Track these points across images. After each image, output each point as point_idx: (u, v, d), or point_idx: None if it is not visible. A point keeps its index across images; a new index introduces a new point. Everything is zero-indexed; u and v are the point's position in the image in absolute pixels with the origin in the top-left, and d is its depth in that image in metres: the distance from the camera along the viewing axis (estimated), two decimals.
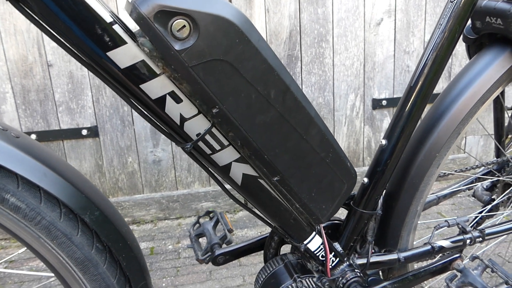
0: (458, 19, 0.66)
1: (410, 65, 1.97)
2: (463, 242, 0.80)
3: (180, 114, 0.51)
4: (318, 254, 0.73)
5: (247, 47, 0.48)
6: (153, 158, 1.86)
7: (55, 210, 0.50)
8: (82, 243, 0.53)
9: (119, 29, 0.44)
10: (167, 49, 0.44)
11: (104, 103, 1.75)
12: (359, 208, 0.75)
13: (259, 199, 0.63)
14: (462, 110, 0.74)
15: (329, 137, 0.60)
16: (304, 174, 0.60)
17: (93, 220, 0.52)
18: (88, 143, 1.79)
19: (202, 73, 0.47)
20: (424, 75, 0.69)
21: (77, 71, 1.71)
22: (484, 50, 0.77)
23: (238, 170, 0.58)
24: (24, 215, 0.48)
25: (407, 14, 1.91)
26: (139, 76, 0.47)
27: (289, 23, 1.81)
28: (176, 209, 1.91)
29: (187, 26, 0.44)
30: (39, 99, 1.71)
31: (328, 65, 1.89)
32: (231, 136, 0.54)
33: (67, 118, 1.74)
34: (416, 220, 0.80)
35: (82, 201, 0.51)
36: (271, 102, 0.52)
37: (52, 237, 0.51)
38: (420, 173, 0.75)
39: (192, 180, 1.92)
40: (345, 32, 1.87)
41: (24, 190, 0.48)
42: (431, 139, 0.74)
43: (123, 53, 0.45)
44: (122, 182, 1.86)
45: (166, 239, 1.77)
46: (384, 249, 0.81)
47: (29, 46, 1.65)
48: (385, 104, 1.98)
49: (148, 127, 1.81)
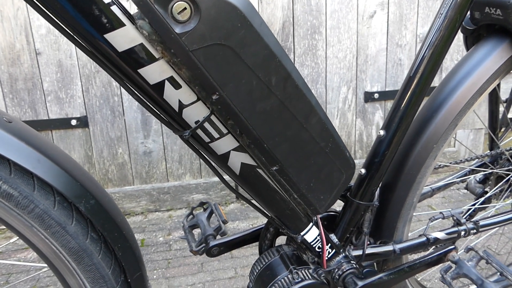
0: (459, 8, 0.65)
1: (403, 58, 1.97)
2: (457, 234, 0.81)
3: (178, 101, 0.49)
4: (314, 246, 0.72)
5: (249, 31, 0.46)
6: (144, 149, 1.83)
7: (49, 198, 0.48)
8: (77, 233, 0.51)
9: (117, 10, 0.42)
10: (167, 32, 0.43)
11: (94, 93, 1.72)
12: (356, 199, 0.75)
13: (257, 189, 0.62)
14: (460, 102, 0.73)
15: (329, 127, 0.59)
16: (303, 163, 0.59)
17: (88, 209, 0.50)
18: (78, 134, 1.76)
19: (203, 57, 0.45)
20: (423, 64, 0.68)
21: (66, 59, 1.67)
22: (482, 41, 0.77)
23: (237, 159, 0.57)
24: (16, 203, 0.47)
25: (400, 7, 1.91)
26: (137, 60, 0.45)
27: (282, 14, 1.80)
28: (167, 201, 1.89)
29: (188, 8, 0.43)
30: (27, 88, 1.66)
31: (321, 57, 1.89)
32: (230, 124, 0.53)
33: (56, 108, 1.71)
34: (412, 211, 0.80)
35: (77, 189, 0.50)
36: (272, 89, 0.51)
37: (46, 226, 0.49)
38: (417, 164, 0.75)
39: (183, 172, 1.90)
40: (338, 24, 1.86)
41: (17, 177, 0.46)
42: (428, 130, 0.74)
43: (121, 36, 0.43)
44: (112, 174, 1.84)
45: (156, 231, 1.76)
46: (380, 240, 0.81)
47: (16, 33, 1.60)
48: (377, 97, 1.98)
49: (139, 118, 1.79)
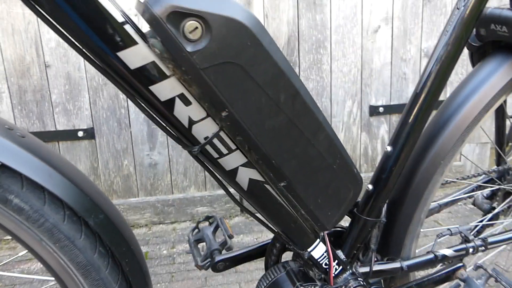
0: (465, 25, 0.66)
1: (407, 72, 1.98)
2: (465, 251, 0.80)
3: (188, 117, 0.50)
4: (321, 262, 0.72)
5: (259, 50, 0.47)
6: (149, 161, 1.84)
7: (59, 212, 0.49)
8: (85, 247, 0.51)
9: (130, 29, 0.43)
10: (179, 51, 0.43)
11: (101, 105, 1.74)
12: (363, 215, 0.74)
13: (265, 205, 0.62)
14: (466, 118, 0.74)
15: (337, 143, 0.60)
16: (311, 180, 0.59)
17: (97, 223, 0.50)
18: (84, 145, 1.77)
19: (213, 75, 0.46)
20: (430, 81, 0.69)
21: (74, 72, 1.69)
22: (488, 58, 0.77)
23: (245, 175, 0.57)
24: (27, 217, 0.47)
25: (404, 22, 1.92)
26: (149, 77, 0.46)
27: (287, 29, 1.82)
28: (171, 213, 1.89)
29: (200, 27, 0.43)
30: (35, 100, 1.68)
31: (326, 71, 1.90)
32: (239, 140, 0.53)
33: (63, 119, 1.72)
34: (419, 228, 0.80)
35: (86, 203, 0.50)
36: (280, 106, 0.52)
37: (55, 240, 0.49)
38: (424, 180, 0.75)
39: (188, 185, 1.90)
40: (343, 38, 1.88)
41: (29, 191, 0.46)
42: (436, 146, 0.74)
43: (133, 54, 0.44)
44: (117, 185, 1.84)
45: (160, 244, 1.75)
46: (387, 257, 0.81)
47: (26, 46, 1.63)
48: (382, 111, 1.98)
49: (145, 130, 1.80)
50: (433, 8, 1.93)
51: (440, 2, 1.93)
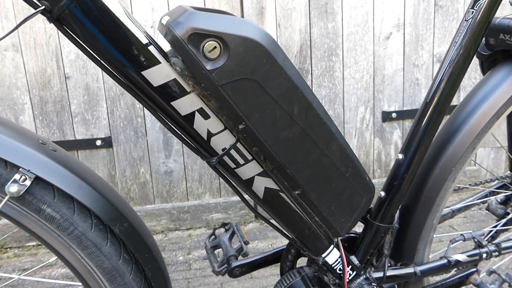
0: (473, 36, 0.68)
1: (419, 78, 1.98)
2: (479, 256, 0.81)
3: (207, 130, 0.53)
4: (335, 267, 0.74)
5: (274, 66, 0.50)
6: (165, 169, 1.88)
7: (87, 221, 0.52)
8: (111, 253, 0.54)
9: (153, 49, 0.46)
10: (199, 69, 0.46)
11: (119, 114, 1.79)
12: (376, 221, 0.76)
13: (280, 212, 0.64)
14: (477, 125, 0.75)
15: (349, 152, 0.62)
16: (324, 188, 0.62)
17: (122, 231, 0.54)
18: (102, 154, 1.82)
19: (231, 91, 0.49)
20: (440, 90, 0.70)
21: (93, 83, 1.74)
22: (498, 66, 0.79)
23: (261, 183, 0.60)
24: (58, 225, 0.50)
25: (415, 28, 1.93)
26: (171, 93, 0.49)
27: (299, 37, 1.84)
28: (186, 220, 1.93)
29: (218, 47, 0.46)
30: (56, 110, 1.74)
31: (338, 78, 1.92)
32: (255, 151, 0.56)
33: (82, 129, 1.78)
34: (432, 233, 0.81)
35: (112, 212, 0.53)
36: (294, 118, 0.54)
37: (83, 247, 0.53)
38: (436, 187, 0.76)
39: (203, 191, 1.93)
40: (355, 46, 1.90)
41: (60, 201, 0.50)
42: (447, 153, 0.76)
43: (157, 72, 0.47)
44: (134, 192, 1.88)
45: (176, 250, 1.78)
46: (400, 262, 0.82)
47: (48, 59, 1.69)
48: (394, 117, 1.99)
49: (161, 139, 1.84)
50: (445, 14, 1.93)
51: (452, 7, 1.93)
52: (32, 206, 0.49)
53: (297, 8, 1.81)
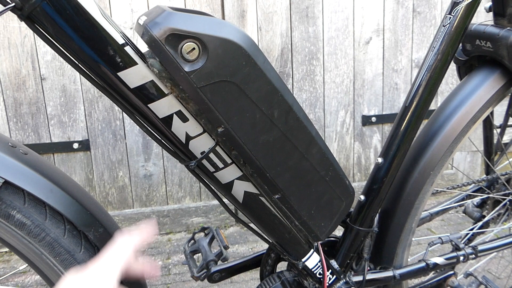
0: (451, 42, 0.69)
1: (398, 82, 2.01)
2: (456, 259, 0.82)
3: (185, 133, 0.52)
4: (315, 272, 0.73)
5: (253, 69, 0.49)
6: (144, 172, 1.85)
7: (59, 226, 0.50)
8: (85, 260, 0.52)
9: (130, 50, 0.45)
10: (177, 71, 0.45)
11: (97, 117, 1.75)
12: (356, 225, 0.76)
13: (259, 216, 0.64)
14: (455, 129, 0.76)
15: (329, 156, 0.62)
16: (304, 192, 0.61)
17: (96, 237, 0.52)
18: (79, 157, 1.78)
19: (210, 93, 0.48)
20: (418, 95, 0.71)
21: (70, 84, 1.70)
22: (474, 71, 0.80)
23: (240, 187, 0.59)
24: (28, 232, 0.48)
25: (395, 34, 1.96)
26: (148, 95, 0.48)
27: (280, 41, 1.85)
28: (166, 224, 1.90)
29: (197, 48, 0.45)
30: (31, 112, 1.69)
31: (319, 82, 1.93)
32: (234, 155, 0.55)
33: (59, 132, 1.73)
34: (411, 237, 0.82)
35: (86, 217, 0.51)
36: (274, 121, 0.54)
37: (55, 254, 0.51)
38: (415, 190, 0.77)
39: (183, 195, 1.91)
40: (335, 50, 1.91)
41: (30, 207, 0.48)
42: (425, 157, 0.76)
43: (133, 74, 0.46)
44: (112, 196, 1.85)
45: (156, 255, 1.75)
46: (380, 266, 0.82)
47: (22, 60, 1.64)
48: (374, 121, 2.01)
49: (140, 142, 1.81)
50: (423, 20, 1.97)
51: (430, 14, 1.97)
52: (0, 212, 0.47)
53: (278, 12, 1.81)
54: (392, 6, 1.93)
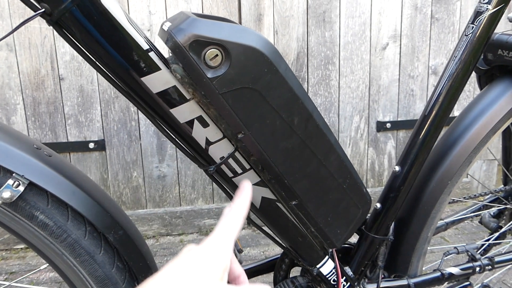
0: (473, 51, 0.68)
1: (415, 89, 1.99)
2: (472, 270, 0.81)
3: (206, 138, 0.52)
4: (330, 278, 0.73)
5: (275, 76, 0.49)
6: (158, 173, 1.86)
7: (80, 228, 0.51)
8: (104, 262, 0.53)
9: (154, 56, 0.46)
10: (200, 77, 0.46)
11: (113, 117, 1.77)
12: (371, 233, 0.76)
13: (276, 222, 0.64)
14: (474, 139, 0.75)
15: (347, 163, 0.61)
16: (321, 199, 0.61)
17: (116, 239, 0.52)
18: (95, 156, 1.80)
19: (231, 100, 0.48)
20: (438, 104, 0.71)
21: (87, 85, 1.73)
22: (496, 81, 0.79)
23: (258, 193, 0.59)
24: (50, 232, 0.49)
25: (412, 40, 1.95)
26: (170, 101, 0.48)
27: (297, 45, 1.85)
28: (178, 225, 1.91)
29: (220, 55, 0.46)
30: (48, 112, 1.72)
31: (334, 87, 1.92)
32: (253, 160, 0.56)
33: (75, 131, 1.76)
34: (426, 246, 0.81)
35: (107, 220, 0.52)
36: (294, 128, 0.54)
37: (76, 254, 0.51)
38: (432, 199, 0.76)
39: (196, 197, 1.92)
40: (351, 55, 1.91)
41: (53, 208, 0.49)
42: (443, 166, 0.76)
43: (156, 79, 0.46)
44: (126, 196, 1.87)
45: (168, 256, 1.76)
46: (394, 274, 0.82)
47: (42, 60, 1.67)
48: (389, 127, 2.00)
49: (155, 143, 1.83)
50: (441, 27, 1.95)
51: (448, 20, 1.95)
52: (24, 212, 0.48)
53: (295, 16, 1.82)
54: (410, 12, 1.91)
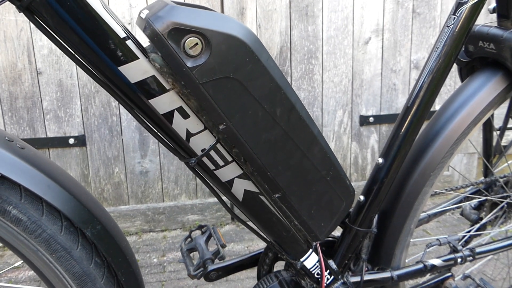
0: (454, 43, 0.68)
1: (397, 83, 2.01)
2: (454, 261, 0.82)
3: (186, 130, 0.51)
4: (313, 272, 0.73)
5: (257, 65, 0.48)
6: (140, 169, 1.84)
7: (56, 223, 0.49)
8: (81, 257, 0.52)
9: (131, 44, 0.44)
10: (179, 66, 0.45)
11: (93, 112, 1.73)
12: (355, 225, 0.76)
13: (259, 215, 0.63)
14: (456, 131, 0.76)
15: (330, 155, 0.61)
16: (305, 191, 0.61)
17: (94, 234, 0.51)
18: (75, 152, 1.76)
19: (212, 90, 0.47)
20: (420, 96, 0.71)
21: (67, 79, 1.68)
22: (477, 73, 0.80)
23: (240, 186, 0.58)
24: (24, 228, 0.47)
25: (394, 34, 1.96)
26: (149, 91, 0.47)
27: (280, 39, 1.84)
28: (161, 221, 1.89)
29: (200, 43, 0.45)
30: (26, 107, 1.67)
31: (317, 81, 1.92)
32: (235, 152, 0.55)
33: (54, 126, 1.71)
34: (409, 238, 0.81)
35: (84, 214, 0.50)
36: (276, 119, 0.53)
37: (51, 250, 0.50)
38: (414, 191, 0.77)
39: (179, 192, 1.90)
40: (334, 49, 1.91)
41: (27, 202, 0.47)
42: (426, 158, 0.76)
43: (134, 68, 0.45)
44: (107, 193, 1.83)
45: (151, 252, 1.74)
46: (378, 267, 0.82)
47: (18, 53, 1.62)
48: (372, 121, 2.01)
49: (137, 138, 1.80)
50: (423, 21, 1.97)
51: (429, 15, 1.97)
52: None
53: (277, 10, 1.81)
54: (392, 7, 1.92)
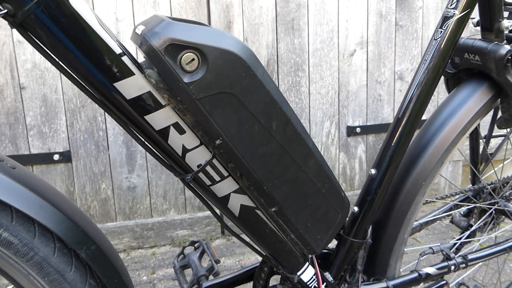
0: (442, 55, 0.70)
1: (382, 94, 2.04)
2: (448, 269, 0.82)
3: (182, 145, 0.50)
4: (310, 285, 0.72)
5: (253, 80, 0.48)
6: (128, 184, 1.81)
7: (49, 245, 0.47)
8: (75, 280, 0.50)
9: (127, 60, 0.44)
10: (176, 82, 0.44)
11: (79, 127, 1.71)
12: (350, 237, 0.76)
13: (255, 230, 0.62)
14: (445, 141, 0.77)
15: (326, 168, 0.61)
16: (301, 204, 0.60)
17: (89, 255, 0.49)
18: (60, 168, 1.72)
19: (208, 105, 0.47)
20: (410, 107, 0.72)
21: (51, 94, 1.66)
22: (463, 84, 0.82)
23: (237, 201, 0.57)
24: (15, 251, 0.45)
25: (378, 46, 2.00)
26: (145, 107, 0.46)
27: (266, 52, 1.85)
28: (150, 237, 1.85)
29: (196, 59, 0.44)
30: (8, 122, 1.64)
31: (304, 93, 1.94)
32: (231, 167, 0.54)
33: (38, 142, 1.68)
34: (403, 247, 0.82)
35: (78, 235, 0.49)
36: (272, 133, 0.53)
37: (44, 274, 0.48)
38: (407, 201, 0.77)
39: (168, 207, 1.88)
40: (320, 62, 1.93)
41: (18, 224, 0.45)
42: (417, 168, 0.77)
43: (130, 84, 0.44)
44: (94, 210, 1.80)
45: (140, 270, 1.71)
46: (373, 277, 0.82)
47: (1, 68, 1.59)
48: (359, 132, 2.03)
49: (124, 153, 1.77)
50: (405, 33, 2.01)
51: (412, 27, 2.02)
52: None
53: (264, 23, 1.82)
54: (376, 20, 1.96)
